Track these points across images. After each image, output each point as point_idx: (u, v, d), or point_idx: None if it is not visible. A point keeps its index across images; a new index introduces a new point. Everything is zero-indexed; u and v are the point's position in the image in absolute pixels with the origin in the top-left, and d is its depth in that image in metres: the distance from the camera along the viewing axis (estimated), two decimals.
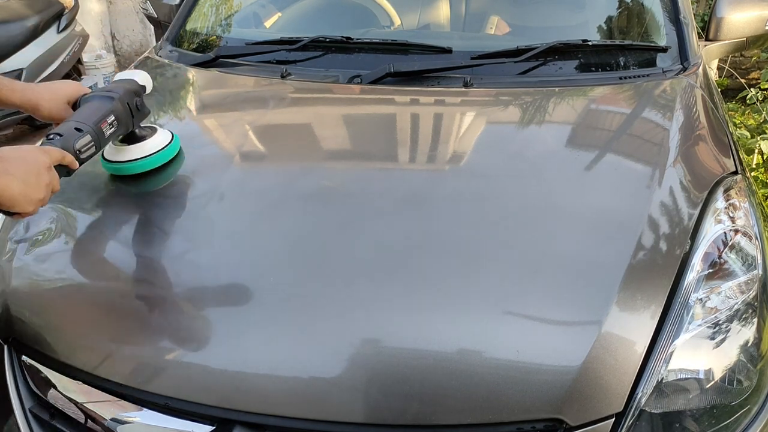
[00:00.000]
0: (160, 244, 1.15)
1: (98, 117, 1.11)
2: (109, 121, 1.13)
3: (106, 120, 1.12)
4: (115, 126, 1.15)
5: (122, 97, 1.17)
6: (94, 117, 1.11)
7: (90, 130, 1.08)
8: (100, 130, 1.11)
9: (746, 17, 1.89)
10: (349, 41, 1.72)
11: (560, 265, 1.02)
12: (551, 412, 0.88)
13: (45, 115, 1.19)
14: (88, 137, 1.08)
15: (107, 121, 1.13)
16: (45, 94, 1.18)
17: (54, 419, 1.06)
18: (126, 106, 1.18)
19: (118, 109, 1.16)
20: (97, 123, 1.10)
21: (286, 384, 0.92)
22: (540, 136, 1.40)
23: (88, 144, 1.08)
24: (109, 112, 1.14)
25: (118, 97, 1.16)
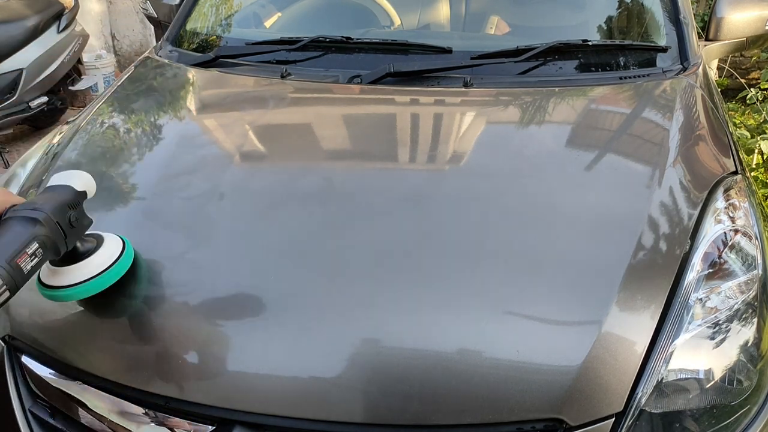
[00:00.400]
0: (160, 244, 1.15)
1: (14, 250, 0.87)
2: (30, 251, 0.89)
3: (25, 252, 0.89)
4: (39, 256, 0.91)
5: (50, 216, 0.93)
6: (8, 251, 0.87)
7: (2, 272, 0.85)
8: (17, 267, 0.87)
9: (746, 17, 1.89)
10: (349, 41, 1.72)
11: (560, 265, 1.02)
12: (551, 412, 0.88)
13: None
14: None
15: (27, 252, 0.89)
16: None
17: (54, 419, 1.06)
18: (56, 226, 0.94)
19: (43, 234, 0.92)
20: (12, 258, 0.87)
21: (286, 384, 0.92)
22: (540, 136, 1.40)
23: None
24: (30, 240, 0.90)
25: (43, 217, 0.92)
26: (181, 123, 1.59)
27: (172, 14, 2.24)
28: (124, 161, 1.40)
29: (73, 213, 0.98)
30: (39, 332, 1.06)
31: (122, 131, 1.56)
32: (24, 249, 0.89)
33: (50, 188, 1.01)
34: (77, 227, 0.98)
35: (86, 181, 1.04)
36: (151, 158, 1.42)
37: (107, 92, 1.79)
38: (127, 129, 1.56)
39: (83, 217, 1.01)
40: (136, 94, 1.77)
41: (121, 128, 1.58)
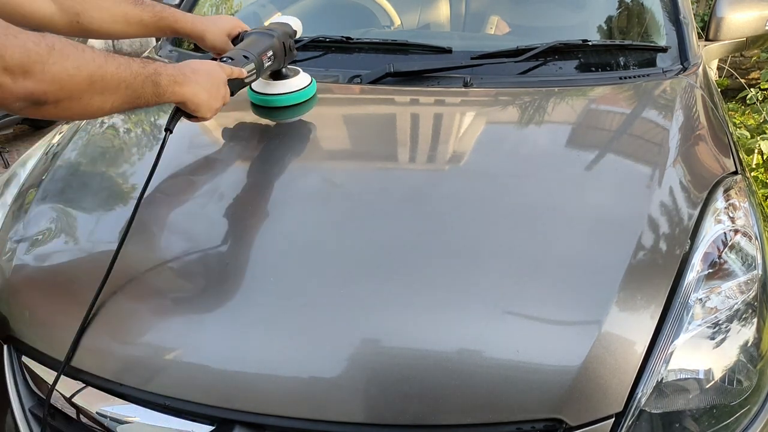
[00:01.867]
0: (160, 244, 1.15)
1: (261, 49, 1.29)
2: (269, 55, 1.30)
3: (266, 53, 1.30)
4: (272, 60, 1.32)
5: (280, 36, 1.34)
6: (258, 49, 1.28)
7: (255, 59, 1.25)
8: (261, 61, 1.28)
9: (746, 17, 1.89)
10: (349, 41, 1.72)
11: (560, 265, 1.02)
12: (551, 412, 0.88)
13: (208, 45, 1.40)
14: (252, 65, 1.25)
15: (267, 54, 1.30)
16: (210, 26, 1.38)
17: (54, 419, 1.06)
18: (282, 45, 1.35)
19: (276, 46, 1.32)
20: (259, 54, 1.27)
21: (286, 384, 0.92)
22: (540, 136, 1.40)
23: (251, 70, 1.24)
24: (270, 47, 1.31)
25: (276, 35, 1.34)
26: (180, 123, 1.59)
27: None
28: (124, 161, 1.40)
29: (290, 42, 1.40)
30: (39, 332, 1.06)
31: (122, 131, 1.56)
32: (266, 51, 1.31)
33: (275, 23, 1.45)
34: (290, 53, 1.41)
35: (299, 25, 1.49)
36: (151, 158, 1.41)
37: None
38: (127, 129, 1.56)
39: (294, 48, 1.43)
40: None
41: (121, 128, 1.58)
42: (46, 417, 1.03)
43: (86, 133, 1.53)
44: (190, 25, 1.38)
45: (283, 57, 1.37)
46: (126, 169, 1.38)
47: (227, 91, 1.18)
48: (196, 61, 1.15)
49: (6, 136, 4.22)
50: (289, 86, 1.42)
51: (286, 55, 1.39)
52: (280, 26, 1.40)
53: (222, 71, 1.17)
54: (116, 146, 1.47)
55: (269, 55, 1.31)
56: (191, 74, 1.09)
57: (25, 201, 1.32)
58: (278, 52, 1.34)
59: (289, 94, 1.42)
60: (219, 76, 1.15)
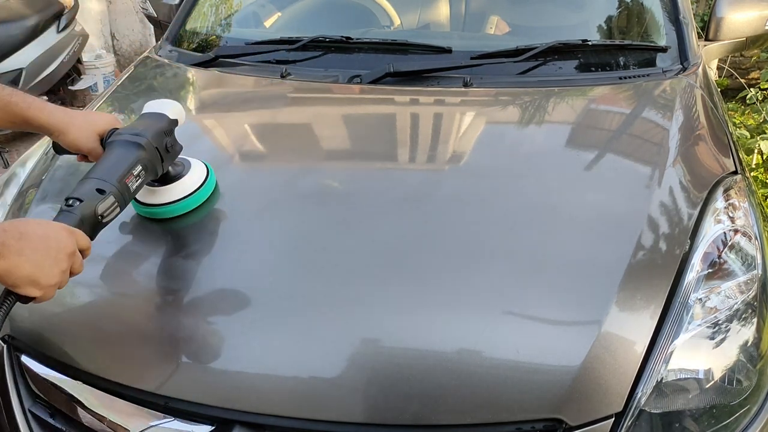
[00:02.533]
0: (160, 243, 1.15)
1: (123, 171, 0.99)
2: (136, 172, 1.01)
3: (131, 173, 1.00)
4: (142, 177, 1.03)
5: (151, 142, 1.04)
6: (118, 171, 0.99)
7: (113, 190, 0.96)
8: (125, 186, 0.99)
9: (746, 17, 1.89)
10: (349, 41, 1.72)
11: (560, 265, 1.02)
12: (551, 412, 0.88)
13: (70, 141, 1.08)
14: (111, 199, 0.96)
15: (133, 173, 1.00)
16: (77, 120, 1.09)
17: (54, 419, 1.06)
18: (155, 151, 1.05)
19: (146, 158, 1.03)
20: (121, 179, 0.98)
21: (286, 384, 0.92)
22: (540, 136, 1.40)
23: (111, 206, 0.96)
24: (135, 162, 1.01)
25: (145, 142, 1.03)
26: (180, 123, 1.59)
27: (172, 14, 2.24)
28: None
29: (168, 139, 1.08)
30: (39, 332, 1.06)
31: None
32: (130, 170, 1.00)
33: (146, 115, 1.11)
34: (171, 152, 1.10)
35: (178, 110, 1.14)
36: None
37: (107, 92, 1.79)
38: None
39: (176, 143, 1.11)
40: (136, 93, 1.77)
41: None
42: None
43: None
44: (47, 115, 1.07)
45: (160, 163, 1.07)
46: None
47: (77, 260, 0.89)
48: (34, 221, 0.89)
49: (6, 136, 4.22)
50: (178, 191, 1.13)
51: (164, 159, 1.08)
52: (151, 124, 1.08)
53: (70, 239, 0.87)
54: None
55: (137, 173, 1.01)
56: (15, 242, 0.81)
57: (25, 201, 1.32)
58: (151, 163, 1.04)
59: (181, 201, 1.13)
60: (60, 245, 0.85)
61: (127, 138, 1.04)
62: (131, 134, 1.04)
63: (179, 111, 1.14)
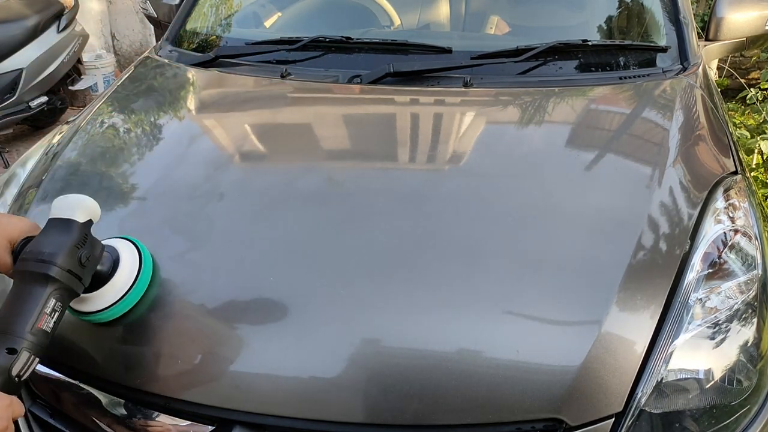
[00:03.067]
0: (160, 244, 1.15)
1: (33, 316, 0.84)
2: (49, 309, 0.86)
3: (44, 312, 0.85)
4: (59, 309, 0.88)
5: (61, 267, 0.87)
6: (28, 318, 0.84)
7: (26, 344, 0.83)
8: (39, 331, 0.85)
9: (746, 17, 1.89)
10: (349, 41, 1.72)
11: (560, 265, 1.02)
12: (551, 412, 0.88)
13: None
14: (24, 355, 0.82)
15: (46, 312, 0.86)
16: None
17: (54, 419, 1.06)
18: (69, 275, 0.88)
19: (59, 288, 0.88)
20: (32, 326, 0.84)
21: (286, 384, 0.92)
22: (540, 136, 1.40)
23: (28, 361, 0.83)
24: (46, 299, 0.86)
25: (55, 272, 0.86)
26: (180, 123, 1.59)
27: (172, 14, 2.24)
28: (123, 161, 1.40)
29: (83, 251, 0.91)
30: None
31: (122, 131, 1.56)
32: (42, 310, 0.85)
33: (53, 225, 0.92)
34: (90, 263, 0.92)
35: (90, 208, 0.95)
36: (150, 158, 1.42)
37: (107, 92, 1.79)
38: (126, 129, 1.56)
39: (94, 248, 0.94)
40: (136, 94, 1.77)
41: (121, 128, 1.58)
42: None
43: (86, 133, 1.53)
44: None
45: (77, 283, 0.90)
46: (126, 168, 1.38)
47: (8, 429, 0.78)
48: None
49: (6, 136, 4.22)
50: (112, 293, 0.97)
51: (82, 276, 0.91)
52: (61, 239, 0.90)
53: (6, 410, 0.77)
54: (116, 146, 1.47)
55: (51, 309, 0.86)
56: None
57: (25, 201, 1.32)
58: (66, 290, 0.89)
59: (115, 305, 0.98)
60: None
61: (33, 268, 0.87)
62: (37, 261, 0.87)
63: (91, 209, 0.95)
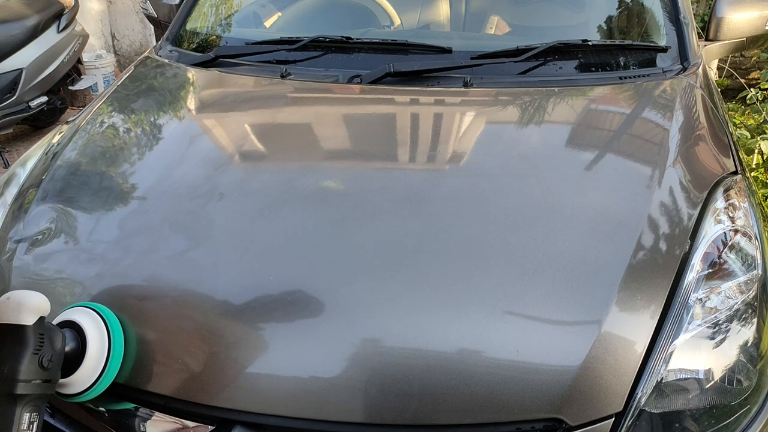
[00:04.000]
0: (160, 242, 1.15)
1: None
2: (25, 425, 0.86)
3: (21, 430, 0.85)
4: (36, 419, 0.87)
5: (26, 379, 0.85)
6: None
7: None
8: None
9: (746, 17, 1.89)
10: (349, 41, 1.72)
11: (560, 265, 1.02)
12: (551, 412, 0.88)
13: None
14: None
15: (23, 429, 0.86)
16: None
17: (54, 419, 1.06)
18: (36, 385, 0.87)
19: (29, 401, 0.86)
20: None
21: (286, 384, 0.92)
22: (540, 135, 1.40)
23: None
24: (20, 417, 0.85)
25: (21, 387, 0.85)
26: (181, 123, 1.59)
27: (172, 14, 2.24)
28: (123, 161, 1.40)
29: (43, 354, 0.87)
30: None
31: (122, 131, 1.56)
32: (19, 429, 0.85)
33: (5, 334, 0.88)
34: (54, 362, 0.89)
35: (36, 305, 0.90)
36: (150, 158, 1.42)
37: (107, 92, 1.79)
38: (126, 129, 1.56)
39: (53, 344, 0.90)
40: (136, 93, 1.77)
41: (121, 128, 1.58)
42: None
43: (86, 133, 1.53)
44: None
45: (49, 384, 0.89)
46: (126, 168, 1.38)
47: None
48: None
49: (6, 136, 4.22)
50: (85, 377, 0.94)
51: (51, 379, 0.89)
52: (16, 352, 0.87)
53: None
54: (116, 146, 1.47)
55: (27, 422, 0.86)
56: None
57: (25, 201, 1.32)
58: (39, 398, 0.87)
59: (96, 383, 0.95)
60: None
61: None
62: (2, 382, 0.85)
63: (39, 305, 0.90)
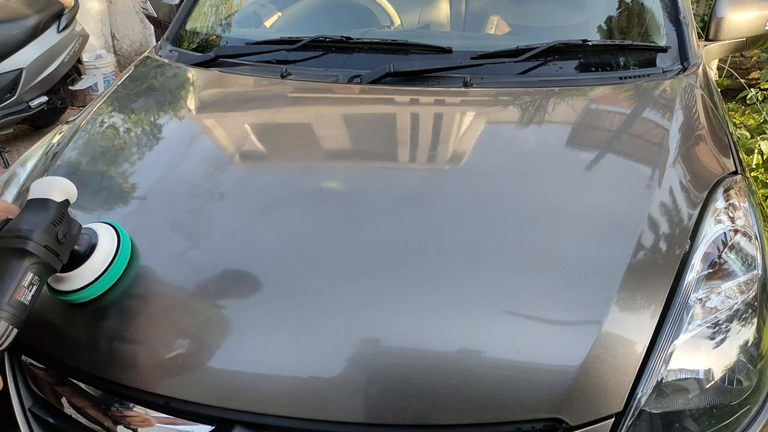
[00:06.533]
0: (160, 243, 1.15)
1: (11, 288, 0.87)
2: (27, 283, 0.89)
3: (21, 285, 0.88)
4: (36, 283, 0.90)
5: (38, 243, 0.90)
6: (6, 290, 0.87)
7: (4, 314, 0.85)
8: (17, 303, 0.87)
9: (746, 17, 1.90)
10: (349, 41, 1.72)
11: (560, 265, 1.02)
12: (551, 412, 0.88)
13: None
14: (3, 324, 0.85)
15: (23, 285, 0.88)
16: None
17: (54, 419, 1.06)
18: (45, 250, 0.91)
19: (35, 263, 0.90)
20: (10, 297, 0.86)
21: (286, 384, 0.92)
22: (540, 135, 1.40)
23: (6, 331, 0.85)
24: (23, 273, 0.89)
25: (32, 246, 0.89)
26: (181, 123, 1.59)
27: (172, 14, 2.24)
28: (124, 161, 1.41)
29: (60, 228, 0.94)
30: (39, 332, 1.06)
31: (122, 131, 1.56)
32: (20, 283, 0.88)
33: (32, 204, 0.96)
34: (67, 240, 0.96)
35: (65, 188, 0.99)
36: (151, 158, 1.42)
37: (107, 92, 1.79)
38: (127, 129, 1.56)
39: (71, 226, 0.97)
40: (136, 93, 1.77)
41: (121, 128, 1.58)
42: None
43: (86, 133, 1.53)
44: None
45: (56, 259, 0.94)
46: (126, 168, 1.38)
47: None
48: None
49: (6, 136, 4.22)
50: (89, 272, 1.01)
51: (60, 253, 0.94)
52: (38, 217, 0.93)
53: None
54: (116, 146, 1.47)
55: (28, 282, 0.89)
56: None
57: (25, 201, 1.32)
58: (43, 265, 0.91)
59: (92, 284, 1.01)
60: None
61: (10, 244, 0.90)
62: (14, 238, 0.90)
63: (68, 189, 0.99)
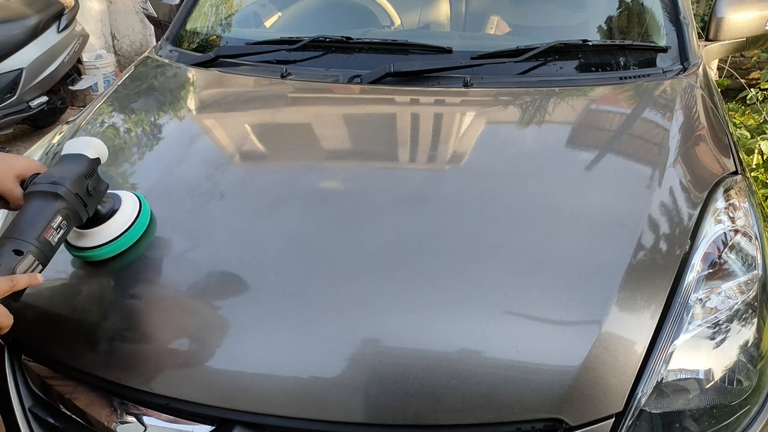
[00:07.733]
0: (161, 242, 1.15)
1: (41, 226, 0.93)
2: (55, 225, 0.95)
3: (51, 226, 0.94)
4: (64, 227, 0.96)
5: (69, 190, 0.97)
6: (36, 227, 0.92)
7: (32, 249, 0.90)
8: (45, 241, 0.93)
9: (746, 17, 1.90)
10: (349, 41, 1.72)
11: (560, 265, 1.02)
12: (551, 412, 0.88)
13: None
14: (30, 258, 0.90)
15: (52, 226, 0.94)
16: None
17: (54, 419, 1.06)
18: (76, 198, 0.98)
19: (65, 207, 0.97)
20: (39, 235, 0.92)
21: (286, 384, 0.92)
22: (540, 135, 1.40)
23: (31, 266, 0.90)
24: (54, 215, 0.95)
25: (64, 191, 0.96)
26: (181, 123, 1.59)
27: (172, 14, 2.24)
28: (124, 161, 1.41)
29: (90, 182, 1.02)
30: (39, 332, 1.06)
31: (122, 131, 1.56)
32: (49, 223, 0.94)
33: (66, 158, 1.04)
34: (95, 194, 1.03)
35: (99, 147, 1.07)
36: (151, 158, 1.42)
37: (107, 92, 1.79)
38: (127, 129, 1.56)
39: (99, 183, 1.05)
40: (136, 93, 1.77)
41: (121, 128, 1.58)
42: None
43: (86, 133, 1.53)
44: None
45: (83, 209, 1.00)
46: (126, 168, 1.38)
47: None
48: None
49: (6, 136, 4.23)
50: (109, 232, 1.07)
51: (87, 204, 1.01)
52: (71, 167, 1.01)
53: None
54: (116, 146, 1.47)
55: (57, 225, 0.95)
56: None
57: None
58: (72, 212, 0.98)
59: (109, 244, 1.07)
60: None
61: (43, 188, 0.96)
62: (48, 183, 0.97)
63: (100, 149, 1.07)
